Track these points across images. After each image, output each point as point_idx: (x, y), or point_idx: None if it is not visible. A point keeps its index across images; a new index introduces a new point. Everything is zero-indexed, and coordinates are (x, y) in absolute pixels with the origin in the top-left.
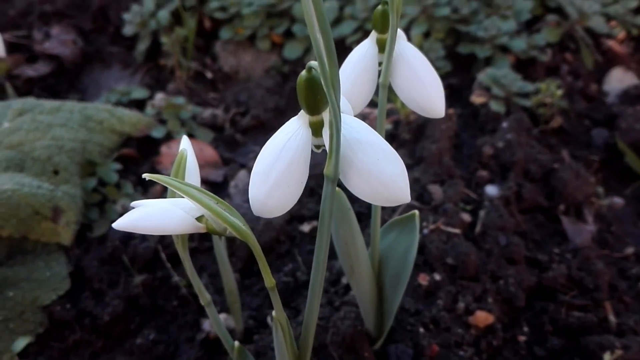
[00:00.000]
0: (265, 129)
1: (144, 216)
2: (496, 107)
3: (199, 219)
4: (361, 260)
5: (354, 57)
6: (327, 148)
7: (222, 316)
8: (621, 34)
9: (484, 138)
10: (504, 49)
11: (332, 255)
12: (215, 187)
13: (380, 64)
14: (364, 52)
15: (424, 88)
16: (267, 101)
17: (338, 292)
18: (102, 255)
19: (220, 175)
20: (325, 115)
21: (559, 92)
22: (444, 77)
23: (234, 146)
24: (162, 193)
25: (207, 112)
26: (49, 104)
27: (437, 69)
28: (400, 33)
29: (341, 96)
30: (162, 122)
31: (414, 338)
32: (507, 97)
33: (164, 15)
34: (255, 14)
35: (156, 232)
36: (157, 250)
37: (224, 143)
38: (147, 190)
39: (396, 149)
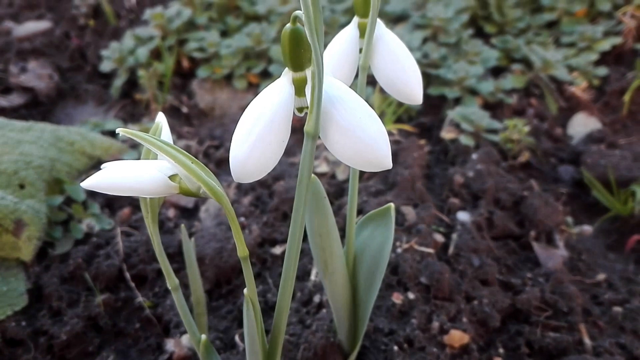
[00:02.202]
0: None
1: (114, 174)
2: (466, 141)
3: (172, 178)
4: (335, 255)
5: (336, 42)
6: (308, 104)
7: (185, 337)
8: (583, 83)
9: (454, 168)
10: (473, 92)
11: (303, 276)
12: (186, 212)
13: (361, 49)
14: (345, 37)
15: (403, 71)
16: None
17: (310, 312)
18: (63, 273)
19: (192, 201)
20: (309, 73)
21: (526, 129)
22: (415, 117)
23: None
24: (130, 216)
25: (180, 143)
26: (20, 123)
27: (409, 109)
28: (379, 21)
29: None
30: (135, 147)
31: (388, 357)
32: (476, 132)
33: (143, 52)
34: (233, 54)
35: (126, 192)
36: (121, 269)
37: None
38: (115, 212)
39: (369, 175)
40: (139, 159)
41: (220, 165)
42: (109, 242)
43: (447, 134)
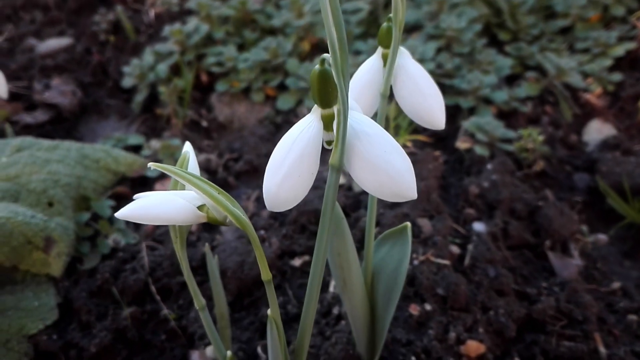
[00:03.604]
0: (258, 174)
1: (146, 205)
2: (481, 151)
3: (200, 208)
4: (353, 273)
5: (360, 71)
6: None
7: (210, 349)
8: (598, 89)
9: (469, 179)
10: (487, 101)
11: (322, 287)
12: (208, 225)
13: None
14: (369, 67)
15: (424, 99)
16: (261, 148)
17: (329, 323)
18: (92, 288)
19: None
20: (336, 110)
21: (541, 138)
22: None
23: (227, 189)
24: (154, 230)
25: (201, 157)
26: (47, 142)
27: None
28: (403, 50)
29: (351, 100)
30: (157, 162)
31: None
32: (490, 142)
33: (162, 68)
34: (250, 68)
35: (158, 222)
36: (147, 282)
37: (217, 186)
38: (139, 227)
39: None
40: (161, 174)
41: (239, 177)
42: (135, 256)
43: (462, 144)
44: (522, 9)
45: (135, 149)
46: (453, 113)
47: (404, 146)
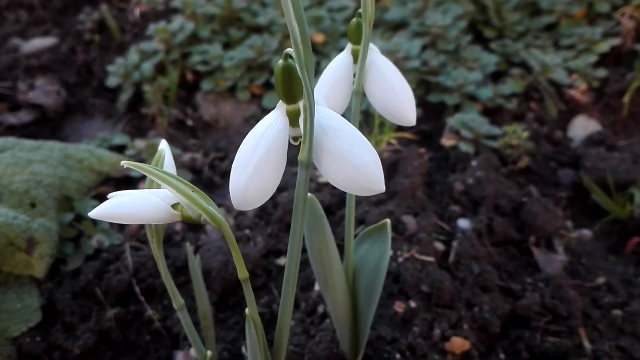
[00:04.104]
0: None
1: (120, 204)
2: (465, 148)
3: (174, 206)
4: (335, 270)
5: (330, 68)
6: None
7: (194, 350)
8: (582, 86)
9: (454, 176)
10: (472, 98)
11: (307, 286)
12: (193, 225)
13: (355, 75)
14: (339, 63)
15: (395, 95)
16: None
17: (314, 322)
18: (75, 289)
19: None
20: (302, 105)
21: (525, 134)
22: (415, 124)
23: (212, 188)
24: (138, 230)
25: (186, 156)
26: (29, 142)
27: None
28: (373, 47)
29: (317, 94)
30: (142, 162)
31: None
32: (475, 139)
33: (147, 67)
34: (236, 67)
35: (131, 221)
36: (131, 283)
37: (203, 185)
38: (123, 227)
39: None
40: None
41: (225, 176)
42: (119, 257)
43: (447, 141)
44: (507, 6)
45: (120, 149)
46: (438, 110)
47: (389, 144)
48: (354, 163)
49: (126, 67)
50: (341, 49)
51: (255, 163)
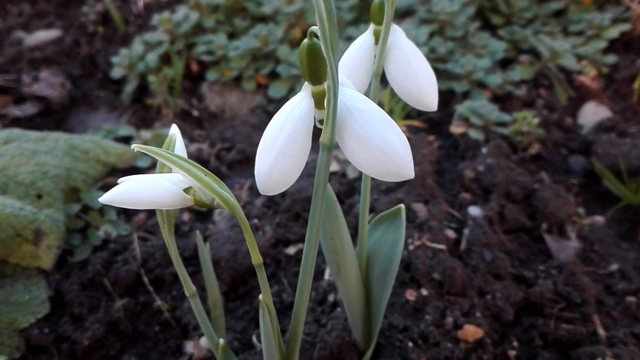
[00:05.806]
0: (250, 163)
1: (131, 189)
2: (475, 135)
3: (187, 190)
4: (347, 256)
5: (351, 49)
6: None
7: (204, 339)
8: (592, 72)
9: (464, 163)
10: (481, 85)
11: (317, 275)
12: (201, 215)
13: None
14: (360, 44)
15: (416, 77)
16: (253, 137)
17: (325, 311)
18: (83, 280)
19: None
20: (326, 85)
21: (536, 121)
22: (424, 112)
23: (219, 178)
24: (146, 220)
25: (192, 147)
26: (34, 134)
27: None
28: (397, 28)
29: (342, 76)
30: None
31: (403, 354)
32: (485, 126)
33: (152, 58)
34: (241, 56)
35: (143, 206)
36: (139, 274)
37: None
38: (131, 218)
39: None
40: (152, 165)
41: (232, 166)
42: (126, 247)
43: (456, 128)
44: None
45: (126, 140)
46: (447, 97)
47: None
48: (382, 146)
49: (130, 58)
50: (348, 38)
51: (280, 146)
